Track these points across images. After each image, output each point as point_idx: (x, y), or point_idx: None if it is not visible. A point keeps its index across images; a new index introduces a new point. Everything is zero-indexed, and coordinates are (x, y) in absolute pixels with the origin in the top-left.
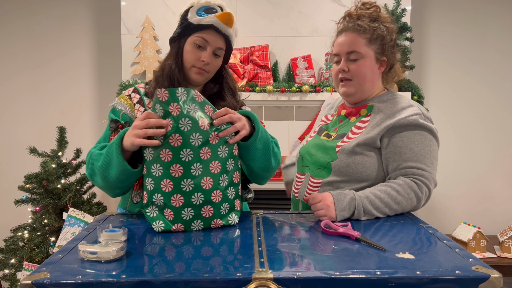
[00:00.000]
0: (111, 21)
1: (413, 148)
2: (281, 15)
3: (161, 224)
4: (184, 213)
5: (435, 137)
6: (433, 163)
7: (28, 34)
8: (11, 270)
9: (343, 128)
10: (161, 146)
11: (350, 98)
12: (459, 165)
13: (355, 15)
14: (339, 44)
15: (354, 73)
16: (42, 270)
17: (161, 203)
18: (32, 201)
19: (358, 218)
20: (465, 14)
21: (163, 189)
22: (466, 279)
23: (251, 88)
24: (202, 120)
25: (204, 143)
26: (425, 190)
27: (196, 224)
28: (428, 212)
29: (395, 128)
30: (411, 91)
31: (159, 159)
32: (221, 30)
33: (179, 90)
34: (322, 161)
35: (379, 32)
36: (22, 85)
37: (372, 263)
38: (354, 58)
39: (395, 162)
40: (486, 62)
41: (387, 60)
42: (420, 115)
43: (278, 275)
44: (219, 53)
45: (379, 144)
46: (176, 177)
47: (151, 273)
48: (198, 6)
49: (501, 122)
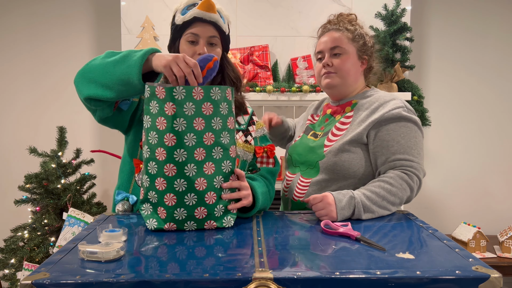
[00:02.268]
0: (111, 21)
1: (400, 141)
2: (281, 15)
3: (154, 222)
4: (177, 213)
5: (419, 129)
6: (420, 154)
7: (28, 34)
8: (11, 270)
9: (329, 127)
10: (156, 144)
11: (334, 90)
12: (459, 165)
13: (335, 21)
14: (323, 42)
15: (338, 67)
16: (42, 270)
17: (155, 200)
18: (32, 201)
19: (359, 217)
20: (465, 14)
21: (157, 187)
22: (466, 279)
23: (251, 88)
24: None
25: (198, 144)
26: (416, 180)
27: (189, 225)
28: (428, 212)
29: (381, 122)
30: (411, 91)
31: (154, 157)
32: (205, 18)
33: (177, 89)
34: (311, 160)
35: (360, 31)
36: (23, 85)
37: (372, 263)
38: (338, 53)
39: (383, 156)
40: (486, 62)
41: (368, 59)
42: (403, 108)
43: (278, 275)
44: (213, 41)
45: (366, 139)
46: (169, 176)
47: (151, 273)
48: (181, 7)
49: (501, 122)
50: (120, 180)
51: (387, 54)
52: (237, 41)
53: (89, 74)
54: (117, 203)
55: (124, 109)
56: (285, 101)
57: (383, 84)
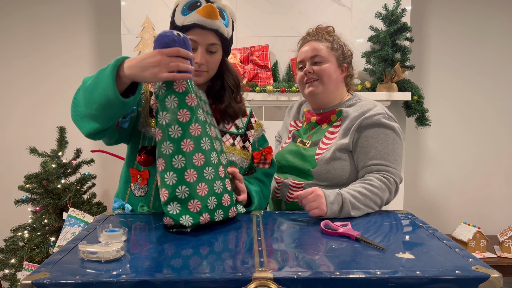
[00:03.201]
0: (111, 21)
1: (377, 147)
2: (281, 15)
3: (189, 218)
4: (209, 202)
5: (398, 135)
6: (396, 160)
7: (28, 34)
8: (11, 270)
9: (316, 135)
10: (180, 136)
11: (316, 98)
12: (459, 165)
13: (314, 32)
14: (303, 51)
15: (319, 73)
16: (42, 270)
17: (186, 195)
18: (32, 201)
19: (347, 214)
20: (465, 14)
21: (187, 179)
22: (466, 279)
23: (251, 88)
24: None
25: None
26: (393, 182)
27: (218, 214)
28: (428, 212)
29: (361, 129)
30: (411, 91)
31: (180, 150)
32: (206, 26)
33: (189, 81)
34: (302, 168)
35: (339, 42)
36: (23, 85)
37: (372, 263)
38: (318, 61)
39: (362, 161)
40: (486, 62)
41: (347, 67)
42: (383, 115)
43: (278, 275)
44: (213, 49)
45: (351, 147)
46: (199, 166)
47: (151, 273)
48: (183, 4)
49: (501, 122)
50: (119, 187)
51: (387, 54)
52: (237, 41)
53: (78, 110)
54: (114, 211)
55: (125, 127)
56: (285, 101)
57: (383, 84)
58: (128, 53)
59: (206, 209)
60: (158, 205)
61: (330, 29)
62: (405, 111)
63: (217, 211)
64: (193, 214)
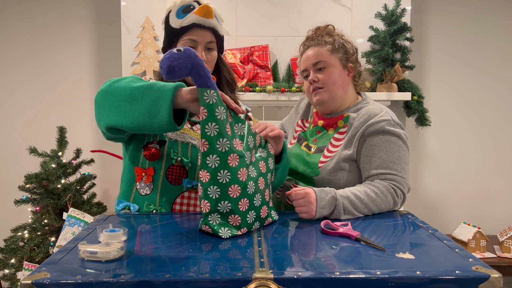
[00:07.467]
0: (111, 21)
1: (382, 156)
2: (281, 15)
3: (227, 231)
4: (249, 217)
5: (404, 142)
6: (404, 168)
7: (28, 34)
8: (11, 270)
9: (322, 141)
10: (228, 150)
11: (324, 106)
12: (459, 165)
13: (313, 35)
14: (305, 59)
15: (324, 81)
16: (42, 270)
17: (227, 209)
18: (32, 201)
19: (337, 217)
20: (465, 14)
21: (231, 195)
22: (466, 279)
23: (251, 88)
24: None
25: (254, 146)
26: (400, 194)
27: (255, 226)
28: (428, 212)
29: (364, 137)
30: (411, 91)
31: (227, 164)
32: (204, 24)
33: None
34: (305, 174)
35: (340, 41)
36: (22, 85)
37: (372, 263)
38: (321, 67)
39: (366, 171)
40: (486, 61)
41: (353, 66)
42: (387, 121)
43: (278, 275)
44: (211, 46)
45: (355, 156)
46: (243, 181)
47: (151, 273)
48: (176, 8)
49: (502, 122)
50: (121, 189)
51: (387, 54)
52: (237, 41)
53: (113, 98)
54: (117, 213)
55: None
56: (285, 101)
57: (383, 84)
58: (128, 53)
59: (245, 224)
60: (164, 202)
61: (330, 28)
62: (405, 111)
63: (255, 224)
64: (232, 228)
